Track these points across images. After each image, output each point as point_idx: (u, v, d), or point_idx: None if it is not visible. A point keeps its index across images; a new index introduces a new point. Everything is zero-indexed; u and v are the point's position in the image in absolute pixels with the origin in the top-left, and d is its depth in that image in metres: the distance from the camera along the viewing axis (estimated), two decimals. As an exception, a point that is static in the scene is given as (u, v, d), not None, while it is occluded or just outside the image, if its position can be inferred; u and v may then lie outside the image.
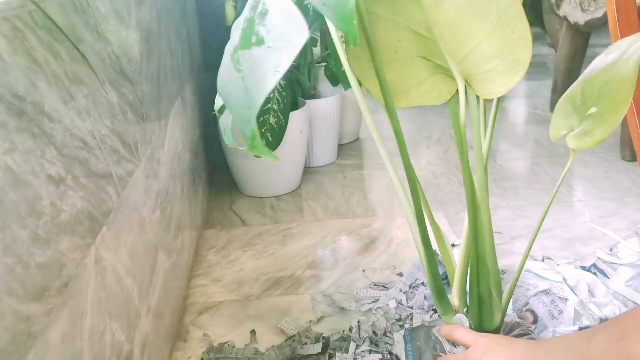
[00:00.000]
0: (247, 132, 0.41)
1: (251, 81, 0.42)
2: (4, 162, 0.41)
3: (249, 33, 0.44)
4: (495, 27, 0.52)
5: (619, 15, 1.05)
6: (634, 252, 1.03)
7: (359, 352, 0.85)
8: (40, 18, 0.49)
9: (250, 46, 0.43)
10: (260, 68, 0.42)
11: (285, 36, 0.41)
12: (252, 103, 0.41)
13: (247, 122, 0.41)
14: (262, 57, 0.42)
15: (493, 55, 0.54)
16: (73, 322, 0.50)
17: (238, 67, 0.43)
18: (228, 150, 1.45)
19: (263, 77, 0.41)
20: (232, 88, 0.43)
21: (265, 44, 0.42)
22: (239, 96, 0.42)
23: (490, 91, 0.57)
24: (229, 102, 0.43)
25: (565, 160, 1.61)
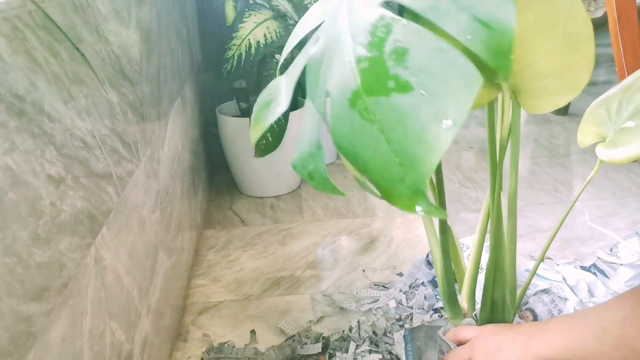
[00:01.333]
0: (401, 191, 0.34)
1: (402, 135, 0.34)
2: (4, 162, 0.41)
3: (380, 76, 0.36)
4: (558, 47, 0.50)
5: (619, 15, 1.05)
6: (634, 252, 1.03)
7: (359, 352, 0.85)
8: (40, 18, 0.49)
9: (387, 93, 0.35)
10: (414, 120, 0.34)
11: (444, 82, 0.34)
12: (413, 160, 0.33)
13: (400, 181, 0.34)
14: (414, 107, 0.34)
15: (549, 72, 0.52)
16: (73, 322, 0.50)
17: (370, 117, 0.35)
18: (228, 150, 1.45)
19: (426, 130, 0.33)
20: (363, 142, 0.35)
21: (415, 91, 0.35)
22: (379, 150, 0.35)
23: (538, 107, 0.55)
24: (359, 157, 0.36)
25: (565, 160, 1.61)
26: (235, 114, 1.49)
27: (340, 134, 0.37)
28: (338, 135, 0.38)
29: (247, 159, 1.41)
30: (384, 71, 0.36)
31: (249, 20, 1.33)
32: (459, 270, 0.66)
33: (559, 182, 1.47)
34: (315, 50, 0.44)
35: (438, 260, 0.64)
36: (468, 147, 1.77)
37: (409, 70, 0.35)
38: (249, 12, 1.34)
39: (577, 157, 1.64)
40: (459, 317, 0.65)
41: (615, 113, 0.60)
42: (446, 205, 0.60)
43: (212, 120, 1.50)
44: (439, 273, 0.65)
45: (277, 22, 1.37)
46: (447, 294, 0.64)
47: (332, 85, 0.39)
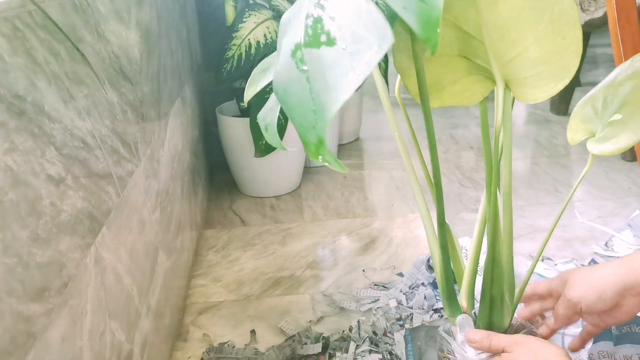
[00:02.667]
0: (311, 139, 0.38)
1: (320, 84, 0.38)
2: (4, 162, 0.41)
3: (316, 31, 0.40)
4: (546, 32, 0.50)
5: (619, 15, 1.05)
6: (628, 244, 1.03)
7: (359, 352, 0.85)
8: (40, 18, 0.49)
9: (319, 45, 0.39)
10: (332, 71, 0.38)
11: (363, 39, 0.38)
12: (322, 108, 0.37)
13: (312, 128, 0.38)
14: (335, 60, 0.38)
15: (540, 60, 0.52)
16: (73, 322, 0.50)
17: (301, 67, 0.39)
18: (228, 150, 1.45)
19: (337, 82, 0.37)
20: (294, 89, 0.39)
21: (338, 45, 0.38)
22: (303, 99, 0.38)
23: (531, 96, 0.56)
24: (288, 103, 0.40)
25: (565, 160, 1.61)
26: (235, 114, 1.49)
27: (279, 82, 0.41)
28: (277, 83, 0.41)
29: (247, 159, 1.41)
30: (321, 26, 0.40)
31: (249, 20, 1.33)
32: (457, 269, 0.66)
33: (559, 182, 1.47)
34: (287, 13, 0.48)
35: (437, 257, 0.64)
36: (468, 147, 1.77)
37: (339, 27, 0.39)
38: (249, 12, 1.34)
39: (577, 157, 1.64)
40: (457, 315, 0.65)
41: (602, 108, 0.61)
42: (444, 204, 0.60)
43: (212, 120, 1.50)
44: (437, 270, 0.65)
45: (277, 22, 1.37)
46: (446, 292, 0.64)
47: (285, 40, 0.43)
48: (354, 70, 0.37)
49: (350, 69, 0.37)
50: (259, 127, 1.47)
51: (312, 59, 0.39)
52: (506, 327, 0.64)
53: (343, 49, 0.38)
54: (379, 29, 0.38)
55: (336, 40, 0.39)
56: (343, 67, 0.38)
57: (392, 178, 1.56)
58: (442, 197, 0.60)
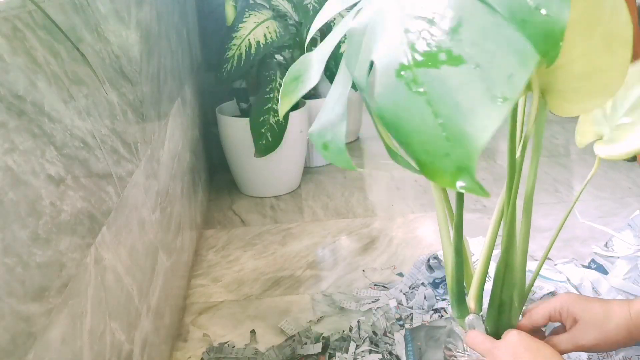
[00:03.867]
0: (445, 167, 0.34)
1: (449, 108, 0.34)
2: (4, 162, 0.41)
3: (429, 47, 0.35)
4: (596, 47, 0.48)
5: (619, 15, 1.05)
6: (628, 244, 1.03)
7: (359, 352, 0.85)
8: (40, 18, 0.49)
9: (437, 65, 0.35)
10: (464, 93, 0.34)
11: (496, 56, 0.34)
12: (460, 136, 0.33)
13: (444, 156, 0.34)
14: (465, 81, 0.34)
15: (584, 75, 0.50)
16: (73, 322, 0.50)
17: (416, 89, 0.35)
18: (228, 150, 1.45)
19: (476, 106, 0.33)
20: (409, 114, 0.35)
21: (467, 64, 0.34)
22: (425, 124, 0.34)
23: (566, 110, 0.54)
24: (403, 129, 0.35)
25: (565, 160, 1.61)
26: (235, 114, 1.49)
27: (385, 105, 0.37)
28: (382, 106, 0.37)
29: (247, 159, 1.41)
30: (435, 43, 0.35)
31: (249, 20, 1.33)
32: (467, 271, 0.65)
33: (559, 182, 1.47)
34: (357, 22, 0.43)
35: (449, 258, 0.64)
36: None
37: (462, 43, 0.35)
38: (249, 12, 1.34)
39: (577, 157, 1.64)
40: (465, 317, 0.65)
41: (611, 112, 0.60)
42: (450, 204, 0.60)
43: (212, 120, 1.50)
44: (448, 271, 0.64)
45: (277, 22, 1.37)
46: (456, 294, 0.64)
47: (377, 55, 0.38)
48: (495, 95, 0.33)
49: (491, 93, 0.33)
50: (259, 127, 1.47)
51: (430, 79, 0.35)
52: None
53: (474, 69, 0.34)
54: (516, 45, 0.34)
55: (463, 58, 0.34)
56: (480, 89, 0.33)
57: (392, 178, 1.56)
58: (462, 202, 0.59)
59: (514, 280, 0.61)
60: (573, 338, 0.62)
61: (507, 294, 0.62)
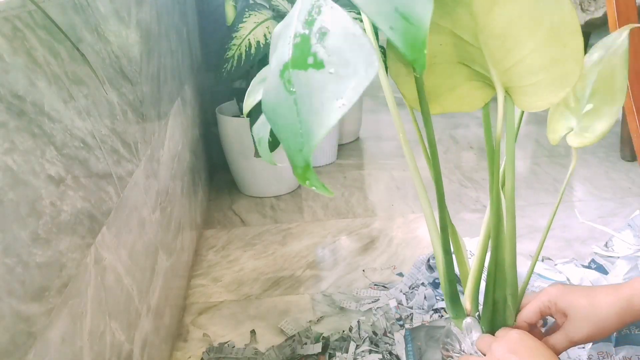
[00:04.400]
0: (298, 162, 0.37)
1: (307, 107, 0.38)
2: (4, 162, 0.41)
3: (304, 52, 0.39)
4: (545, 40, 0.49)
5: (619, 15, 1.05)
6: (628, 244, 1.03)
7: (359, 352, 0.85)
8: (40, 18, 0.49)
9: (306, 67, 0.38)
10: (319, 95, 0.37)
11: (350, 64, 0.37)
12: (308, 133, 0.37)
13: (298, 151, 0.37)
14: (323, 84, 0.37)
15: (540, 68, 0.51)
16: (73, 322, 0.50)
17: (289, 88, 0.39)
18: (228, 150, 1.45)
19: (324, 106, 0.37)
20: (282, 110, 0.39)
21: (325, 69, 0.38)
22: (290, 120, 0.38)
23: (531, 104, 0.55)
24: (277, 124, 0.39)
25: (565, 161, 1.61)
26: (235, 114, 1.49)
27: (268, 101, 0.41)
28: (265, 102, 0.41)
29: (247, 159, 1.41)
30: (308, 47, 0.39)
31: (249, 20, 1.33)
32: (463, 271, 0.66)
33: (559, 182, 1.47)
34: (278, 27, 0.48)
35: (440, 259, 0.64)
36: (468, 147, 1.77)
37: (326, 50, 0.38)
38: (249, 12, 1.34)
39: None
40: (461, 318, 0.65)
41: (574, 103, 0.62)
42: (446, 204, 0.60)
43: (212, 120, 1.50)
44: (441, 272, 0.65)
45: (277, 22, 1.37)
46: (449, 294, 0.64)
47: (275, 57, 0.42)
48: (340, 97, 0.36)
49: (337, 96, 0.37)
50: (258, 127, 1.46)
51: (300, 81, 0.38)
52: None
53: (330, 73, 0.37)
54: (366, 54, 0.37)
55: (324, 63, 0.38)
56: (330, 92, 0.37)
57: (392, 178, 1.56)
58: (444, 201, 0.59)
59: (506, 279, 0.61)
60: (567, 336, 0.63)
61: (499, 293, 0.62)
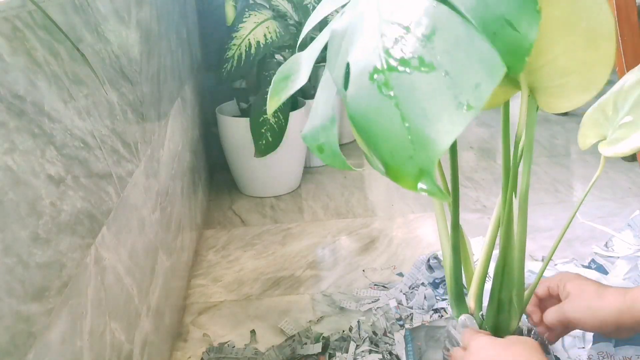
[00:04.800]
0: (408, 169, 0.35)
1: (417, 113, 0.35)
2: (4, 162, 0.41)
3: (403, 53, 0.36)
4: (579, 43, 0.48)
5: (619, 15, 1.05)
6: (629, 244, 1.03)
7: (359, 352, 0.85)
8: (40, 18, 0.49)
9: (409, 70, 0.36)
10: (432, 100, 0.34)
11: (467, 67, 0.35)
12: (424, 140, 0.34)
13: (408, 158, 0.34)
14: (435, 88, 0.35)
15: (569, 70, 0.50)
16: (73, 322, 0.50)
17: (386, 93, 0.35)
18: (228, 150, 1.45)
19: (442, 113, 0.34)
20: (378, 116, 0.36)
21: (438, 70, 0.35)
22: (393, 127, 0.35)
23: (556, 106, 0.54)
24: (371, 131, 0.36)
25: (565, 160, 1.61)
26: (235, 114, 1.49)
27: (356, 107, 0.38)
28: (353, 108, 0.38)
29: (247, 159, 1.41)
30: (408, 49, 0.36)
31: (249, 20, 1.33)
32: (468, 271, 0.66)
33: (559, 182, 1.47)
34: (339, 24, 0.44)
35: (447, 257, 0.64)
36: (468, 147, 1.77)
37: (434, 51, 0.35)
38: (249, 12, 1.34)
39: (577, 157, 1.64)
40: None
41: (612, 113, 0.61)
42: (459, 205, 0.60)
43: (212, 120, 1.50)
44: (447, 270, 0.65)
45: (277, 22, 1.37)
46: (455, 292, 0.64)
47: (354, 58, 0.39)
48: (462, 102, 0.34)
49: (457, 100, 0.34)
50: (259, 127, 1.47)
51: (401, 84, 0.35)
52: (513, 330, 0.64)
53: (445, 75, 0.35)
54: (486, 56, 0.34)
55: (434, 65, 0.35)
56: (447, 96, 0.34)
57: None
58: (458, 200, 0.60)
59: (513, 280, 0.61)
60: (561, 308, 0.65)
61: (505, 293, 0.62)
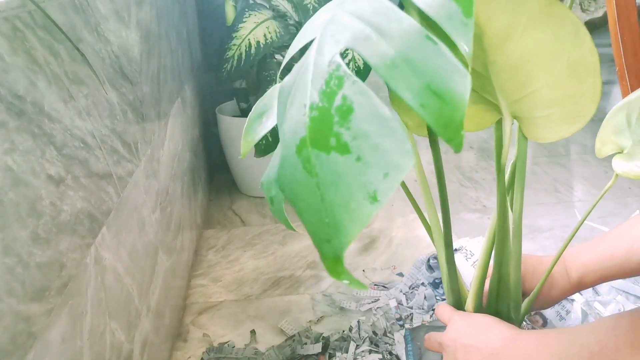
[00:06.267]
0: (326, 252, 0.33)
1: (332, 196, 0.33)
2: (4, 162, 0.41)
3: (325, 130, 0.33)
4: (561, 76, 0.47)
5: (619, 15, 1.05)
6: None
7: (359, 352, 0.85)
8: (40, 18, 0.49)
9: (328, 150, 0.33)
10: (346, 185, 0.32)
11: (379, 151, 0.32)
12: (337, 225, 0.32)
13: (326, 242, 0.33)
14: (349, 171, 0.32)
15: (552, 103, 0.49)
16: (73, 322, 0.50)
17: (310, 169, 0.33)
18: (228, 150, 1.45)
19: (353, 199, 0.32)
20: (302, 192, 0.34)
21: (352, 154, 0.32)
22: (313, 206, 0.33)
23: (541, 136, 0.52)
24: (297, 204, 0.35)
25: (564, 160, 1.61)
26: (235, 114, 1.49)
27: (284, 177, 0.36)
28: (282, 178, 0.36)
29: (247, 159, 1.41)
30: (329, 126, 0.33)
31: (249, 20, 1.33)
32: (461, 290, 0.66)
33: (559, 182, 1.47)
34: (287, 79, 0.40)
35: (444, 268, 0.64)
36: (468, 147, 1.77)
37: (350, 132, 0.33)
38: (249, 12, 1.35)
39: (577, 157, 1.64)
40: None
41: (636, 121, 0.56)
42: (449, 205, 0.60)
43: (212, 120, 1.50)
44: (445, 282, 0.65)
45: (277, 22, 1.37)
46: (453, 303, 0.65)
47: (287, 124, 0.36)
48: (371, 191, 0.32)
49: (368, 189, 0.32)
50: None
51: (323, 164, 0.33)
52: None
53: (357, 160, 0.32)
54: (399, 141, 0.32)
55: (349, 148, 0.32)
56: (360, 183, 0.32)
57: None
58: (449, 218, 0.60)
59: (509, 294, 0.61)
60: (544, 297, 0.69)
61: (503, 305, 0.62)
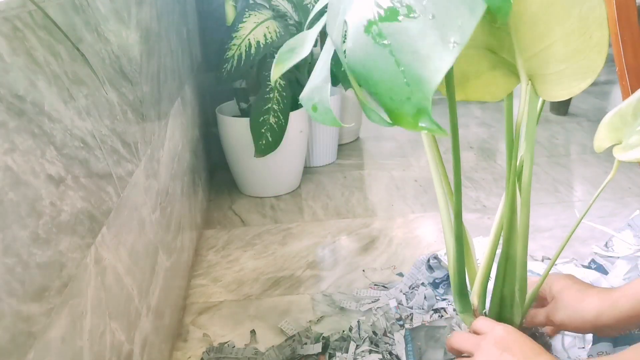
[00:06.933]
0: (406, 110, 0.38)
1: (409, 56, 0.38)
2: (4, 162, 0.41)
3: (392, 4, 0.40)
4: (573, 29, 0.50)
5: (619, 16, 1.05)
6: (629, 245, 1.03)
7: (359, 352, 0.85)
8: (40, 18, 0.49)
9: (395, 18, 0.39)
10: (422, 41, 0.38)
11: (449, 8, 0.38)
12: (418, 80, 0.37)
13: (406, 100, 0.38)
14: (423, 30, 0.38)
15: (565, 57, 0.52)
16: (73, 322, 0.50)
17: (381, 42, 0.39)
18: (228, 150, 1.46)
19: (432, 52, 0.37)
20: (376, 64, 0.39)
21: (422, 16, 0.39)
22: (389, 73, 0.38)
23: (554, 94, 0.56)
24: (371, 79, 0.40)
25: (564, 160, 1.61)
26: (235, 114, 1.49)
27: (355, 59, 0.41)
28: (353, 61, 0.41)
29: (247, 159, 1.41)
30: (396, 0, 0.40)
31: (249, 20, 1.33)
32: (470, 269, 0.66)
33: (559, 182, 1.47)
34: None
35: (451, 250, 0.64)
36: (468, 147, 1.77)
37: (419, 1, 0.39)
38: (249, 12, 1.34)
39: (577, 157, 1.64)
40: (468, 312, 0.65)
41: (631, 119, 0.61)
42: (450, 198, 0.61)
43: (212, 120, 1.50)
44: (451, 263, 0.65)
45: (277, 22, 1.37)
46: (458, 287, 0.65)
47: (350, 15, 0.43)
48: (449, 40, 0.37)
49: (445, 39, 0.37)
50: (259, 127, 1.48)
51: (393, 32, 0.39)
52: (516, 327, 0.64)
53: (431, 19, 0.38)
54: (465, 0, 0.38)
55: (421, 11, 0.39)
56: (434, 36, 0.38)
57: (392, 178, 1.56)
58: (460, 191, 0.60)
59: (515, 274, 0.62)
60: (547, 312, 0.68)
61: (508, 288, 0.62)
